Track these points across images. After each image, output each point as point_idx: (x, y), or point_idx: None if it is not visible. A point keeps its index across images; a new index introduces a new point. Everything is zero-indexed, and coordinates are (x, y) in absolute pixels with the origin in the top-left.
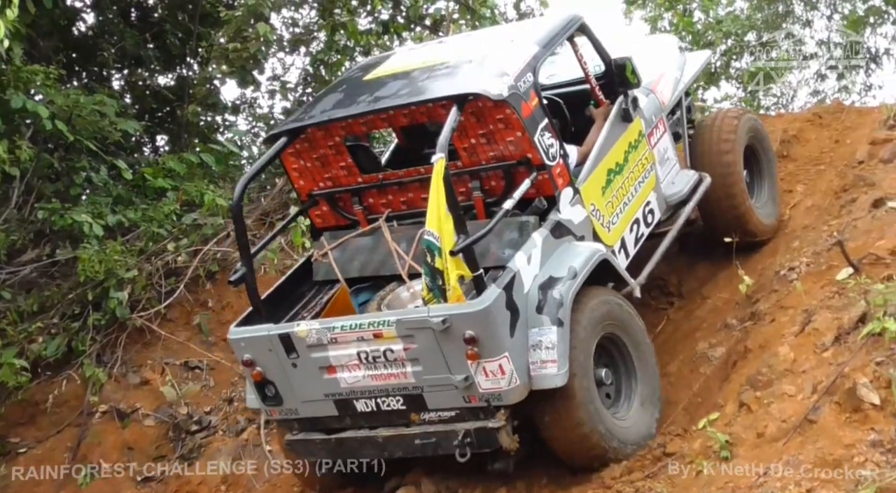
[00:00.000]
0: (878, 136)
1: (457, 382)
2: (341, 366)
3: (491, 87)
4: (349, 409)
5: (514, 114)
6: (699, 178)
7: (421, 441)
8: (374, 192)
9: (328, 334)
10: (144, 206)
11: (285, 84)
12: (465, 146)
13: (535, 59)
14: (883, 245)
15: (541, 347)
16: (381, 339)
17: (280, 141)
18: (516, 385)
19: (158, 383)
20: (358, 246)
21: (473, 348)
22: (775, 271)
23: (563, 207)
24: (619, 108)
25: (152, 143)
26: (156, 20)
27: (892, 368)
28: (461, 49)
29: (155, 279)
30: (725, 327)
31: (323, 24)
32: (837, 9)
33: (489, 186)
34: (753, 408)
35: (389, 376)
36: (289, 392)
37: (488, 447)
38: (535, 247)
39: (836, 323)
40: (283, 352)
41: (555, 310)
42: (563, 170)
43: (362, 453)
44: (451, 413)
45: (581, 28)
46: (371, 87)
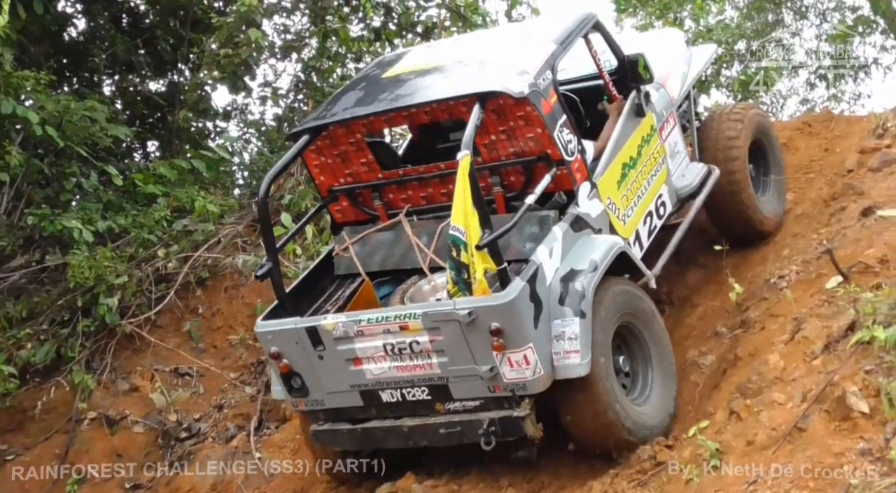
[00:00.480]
0: (866, 145)
1: (482, 372)
2: (367, 358)
3: (512, 84)
4: (375, 399)
5: (535, 111)
6: (708, 170)
7: (446, 431)
8: (394, 187)
9: (355, 326)
10: (135, 212)
11: (277, 90)
12: (486, 143)
13: (554, 56)
14: (872, 254)
15: (564, 337)
16: (407, 331)
17: (303, 139)
18: (540, 375)
19: (148, 390)
20: (379, 240)
21: (499, 339)
22: (765, 279)
23: (582, 201)
24: (633, 103)
25: (143, 149)
26: (147, 26)
27: (881, 376)
28: (478, 47)
29: (145, 286)
30: (716, 335)
31: (314, 30)
32: (826, 18)
33: (509, 181)
34: (743, 416)
35: (415, 367)
36: (315, 384)
37: (513, 436)
38: (555, 240)
39: (826, 331)
40: (309, 345)
41: (577, 302)
42: (581, 165)
43: (387, 442)
44: (476, 403)
45: (596, 26)
46: (391, 84)
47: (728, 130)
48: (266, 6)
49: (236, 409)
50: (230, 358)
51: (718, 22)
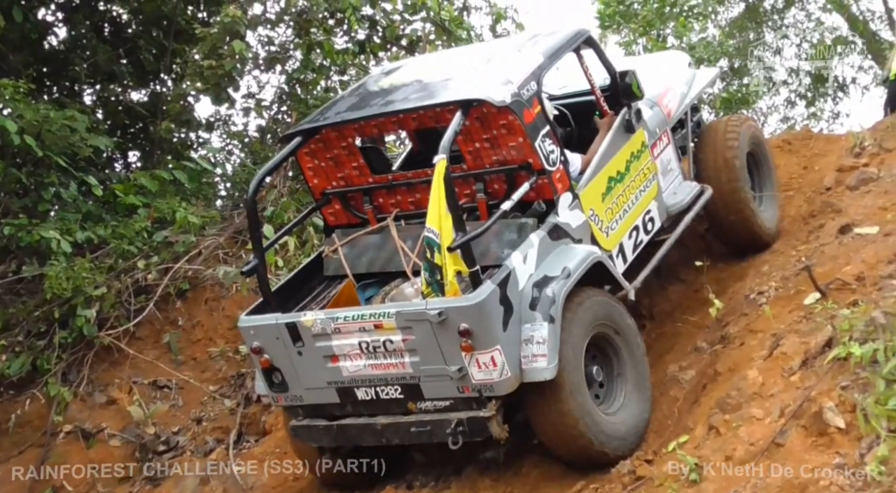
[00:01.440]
0: (844, 163)
1: (451, 372)
2: (344, 355)
3: (495, 93)
4: (350, 397)
5: (517, 120)
6: (701, 189)
7: (417, 429)
8: (384, 192)
9: (332, 324)
10: (115, 223)
11: (260, 102)
12: (470, 150)
13: (540, 68)
14: (849, 271)
15: (532, 341)
16: (381, 330)
17: (294, 141)
18: (507, 377)
19: (125, 403)
20: (367, 243)
21: (467, 340)
22: (745, 295)
23: (562, 211)
24: (623, 119)
25: (124, 159)
26: (129, 36)
27: (856, 392)
28: (470, 58)
29: (124, 297)
30: (696, 350)
31: (299, 42)
32: (807, 37)
33: (492, 188)
34: (722, 431)
35: (389, 365)
36: (294, 379)
37: (479, 436)
38: (531, 247)
39: (804, 347)
40: (289, 340)
41: (547, 307)
42: (563, 175)
43: (362, 439)
44: (446, 403)
45: (587, 41)
46: (384, 92)
47: (727, 141)
48: (250, 18)
49: (215, 422)
50: (210, 371)
51: (701, 39)
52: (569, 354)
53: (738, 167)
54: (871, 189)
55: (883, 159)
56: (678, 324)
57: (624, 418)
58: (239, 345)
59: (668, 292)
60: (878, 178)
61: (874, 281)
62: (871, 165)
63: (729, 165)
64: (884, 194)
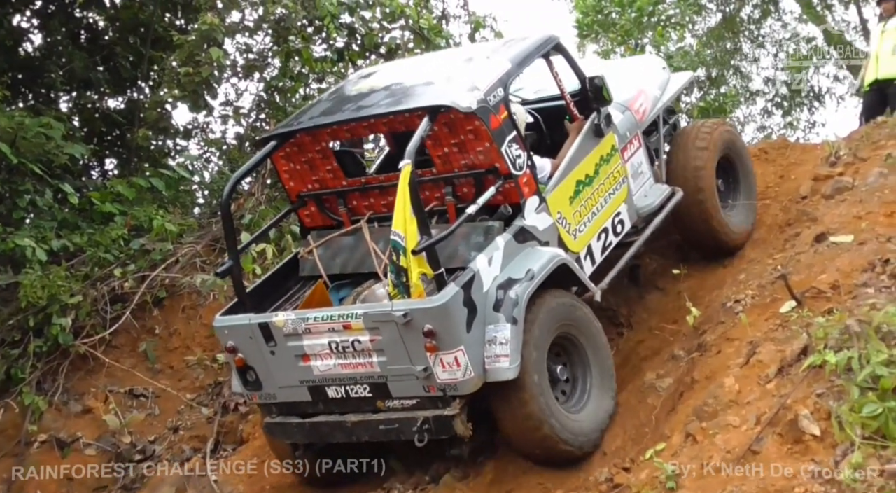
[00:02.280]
0: (820, 172)
1: (417, 372)
2: (314, 355)
3: (461, 100)
4: (322, 395)
5: (483, 126)
6: (672, 191)
7: (385, 427)
8: (358, 195)
9: (303, 324)
10: (91, 230)
11: (239, 109)
12: (440, 154)
13: (508, 75)
14: (824, 279)
15: (495, 342)
16: (350, 330)
17: (269, 144)
18: (471, 377)
19: (101, 412)
20: (341, 245)
21: (431, 340)
22: (722, 303)
23: (528, 214)
24: (592, 123)
25: (101, 166)
26: (106, 43)
27: (831, 400)
28: (442, 64)
29: (100, 305)
30: (673, 358)
31: (277, 50)
32: (783, 47)
33: (461, 192)
34: (699, 439)
35: (357, 365)
36: (267, 378)
37: (445, 434)
38: (497, 250)
39: (780, 355)
40: (262, 340)
41: (510, 309)
42: (530, 179)
43: (333, 436)
44: (413, 401)
45: (557, 47)
46: (357, 97)
47: (697, 146)
48: (228, 25)
49: (192, 431)
50: (187, 379)
51: (678, 49)
52: (531, 354)
53: (706, 173)
54: (845, 198)
55: (857, 169)
56: (656, 332)
57: (587, 415)
58: (216, 353)
59: (646, 300)
60: (853, 187)
61: (849, 289)
62: (845, 175)
63: (696, 169)
64: (858, 203)
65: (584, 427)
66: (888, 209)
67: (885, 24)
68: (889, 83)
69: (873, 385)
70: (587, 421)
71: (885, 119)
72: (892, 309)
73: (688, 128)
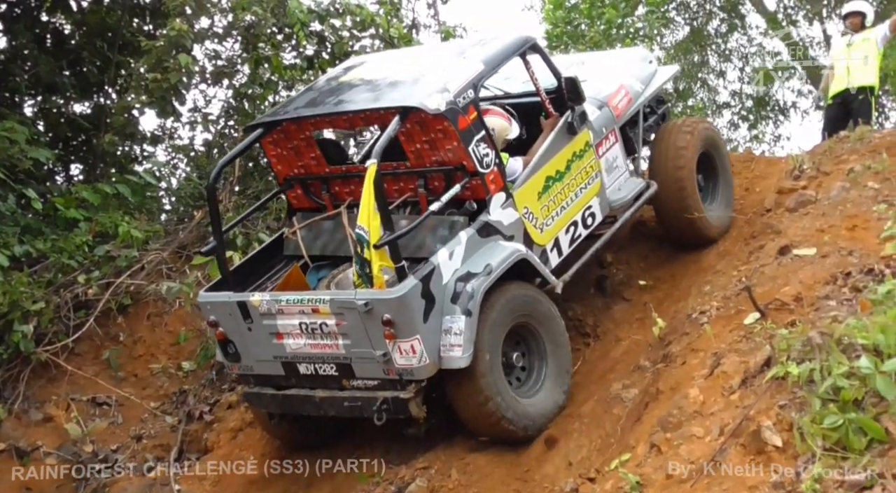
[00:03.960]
0: (784, 185)
1: (377, 356)
2: (287, 333)
3: (430, 101)
4: (294, 371)
5: (451, 126)
6: (646, 185)
7: (349, 404)
8: (340, 181)
9: (276, 305)
10: (54, 236)
11: (207, 116)
12: (412, 150)
13: (479, 76)
14: (787, 291)
15: (451, 332)
16: (318, 314)
17: (256, 131)
18: (426, 363)
19: (63, 420)
20: (322, 228)
21: (390, 329)
22: (687, 314)
23: (494, 210)
24: (566, 121)
25: (66, 172)
26: (73, 47)
27: (793, 411)
28: (423, 60)
29: (63, 312)
30: (638, 369)
31: (247, 57)
32: (749, 61)
33: (433, 185)
34: (664, 449)
35: (325, 346)
36: (245, 352)
37: (401, 415)
38: (459, 244)
39: (743, 366)
40: (240, 317)
41: (466, 301)
42: (497, 177)
43: (303, 409)
44: (374, 382)
45: (533, 47)
46: (341, 89)
47: (678, 141)
48: (197, 31)
49: (156, 439)
50: (151, 387)
51: None
52: (485, 344)
53: (687, 166)
54: (809, 211)
55: (820, 182)
56: (622, 343)
57: (537, 402)
58: (181, 361)
59: (613, 311)
60: (816, 200)
61: (811, 301)
62: (809, 188)
63: (678, 163)
64: (821, 216)
65: (531, 412)
66: (850, 223)
67: (850, 38)
68: (856, 97)
69: (834, 397)
70: (536, 407)
71: (848, 133)
72: (853, 322)
73: (670, 124)
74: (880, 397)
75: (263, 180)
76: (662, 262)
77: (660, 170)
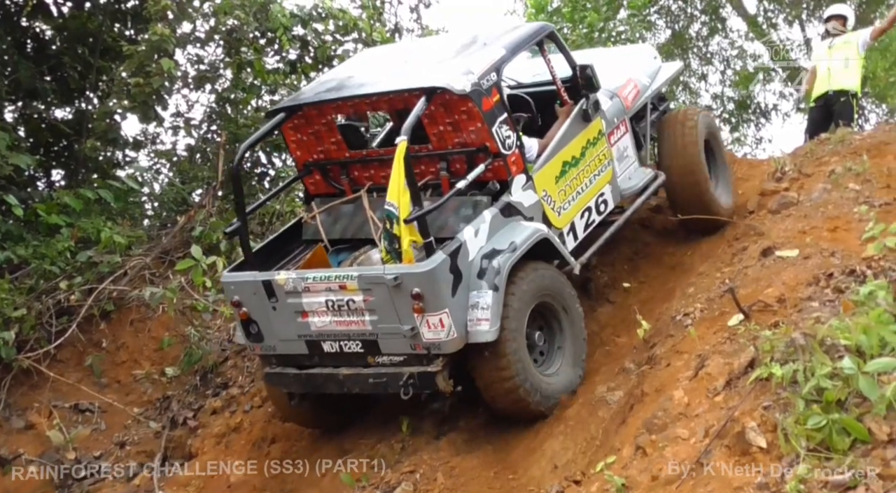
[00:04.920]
0: (766, 187)
1: (405, 331)
2: (312, 312)
3: (456, 82)
4: (318, 349)
5: (476, 107)
6: (654, 175)
7: (374, 380)
8: (359, 166)
9: (302, 283)
10: (36, 242)
11: (189, 121)
12: (435, 132)
13: (501, 61)
14: (771, 293)
15: (478, 307)
16: (345, 290)
17: (278, 116)
18: (453, 337)
19: (45, 427)
20: (342, 212)
21: (419, 303)
22: (671, 316)
23: (515, 191)
24: (581, 109)
25: (47, 177)
26: (53, 52)
27: (777, 412)
28: (443, 47)
29: (45, 319)
30: (623, 371)
31: (229, 61)
32: (730, 64)
33: (454, 168)
34: (649, 451)
35: (351, 322)
36: (269, 331)
37: (427, 389)
38: (483, 222)
39: (728, 368)
40: (265, 296)
41: (492, 277)
42: (518, 159)
43: (327, 387)
44: (400, 358)
45: (550, 36)
46: (362, 74)
47: (686, 131)
48: (179, 36)
49: (139, 446)
50: (134, 393)
51: None
52: (511, 319)
53: (696, 151)
54: (791, 213)
55: (802, 184)
56: (606, 345)
57: (559, 380)
58: (165, 367)
59: (598, 313)
60: (798, 202)
61: (794, 303)
62: (791, 190)
63: (687, 149)
64: (803, 218)
65: (551, 390)
66: (832, 224)
67: (831, 41)
68: (837, 99)
69: (818, 398)
70: (559, 384)
71: (829, 136)
72: (836, 323)
73: (673, 113)
74: (863, 397)
75: (246, 185)
76: (647, 264)
77: (669, 157)
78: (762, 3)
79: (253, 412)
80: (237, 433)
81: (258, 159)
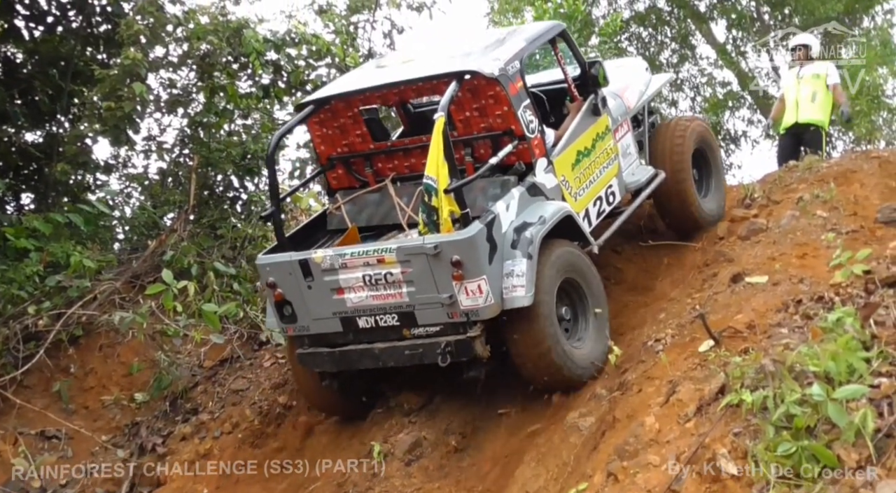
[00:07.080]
0: (736, 214)
1: (443, 299)
2: (349, 288)
3: (485, 67)
4: (352, 325)
5: (503, 91)
6: (655, 173)
7: (410, 352)
8: (383, 157)
9: (340, 259)
10: (4, 267)
11: (161, 144)
12: (461, 118)
13: (523, 51)
14: (741, 319)
15: (513, 275)
16: (383, 264)
17: (307, 109)
18: (491, 303)
19: (10, 455)
20: (366, 201)
21: (458, 270)
22: (643, 342)
23: (539, 173)
24: (591, 103)
25: (16, 201)
26: (24, 76)
27: (748, 439)
28: (462, 44)
29: (12, 344)
30: (595, 397)
31: (202, 86)
32: (700, 91)
33: (479, 153)
34: (620, 478)
35: (388, 296)
36: (303, 311)
37: (465, 356)
38: (513, 199)
39: (698, 394)
40: (300, 275)
41: (526, 246)
42: (540, 143)
43: (361, 363)
44: (437, 328)
45: (562, 34)
46: (385, 69)
47: (675, 139)
48: (152, 60)
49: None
50: (102, 420)
51: None
52: (544, 288)
53: (684, 160)
54: (760, 240)
55: (771, 211)
56: None
57: (589, 349)
58: (134, 392)
59: None
60: (767, 229)
61: (764, 329)
62: (760, 217)
63: (675, 157)
64: (772, 245)
65: (585, 360)
66: (800, 251)
67: (799, 71)
68: (806, 129)
69: (788, 424)
70: (588, 354)
71: (797, 163)
72: (805, 349)
73: (666, 122)
74: (832, 424)
75: (218, 209)
76: (618, 290)
77: (658, 163)
78: (731, 32)
79: (223, 438)
80: (207, 460)
81: (230, 183)
